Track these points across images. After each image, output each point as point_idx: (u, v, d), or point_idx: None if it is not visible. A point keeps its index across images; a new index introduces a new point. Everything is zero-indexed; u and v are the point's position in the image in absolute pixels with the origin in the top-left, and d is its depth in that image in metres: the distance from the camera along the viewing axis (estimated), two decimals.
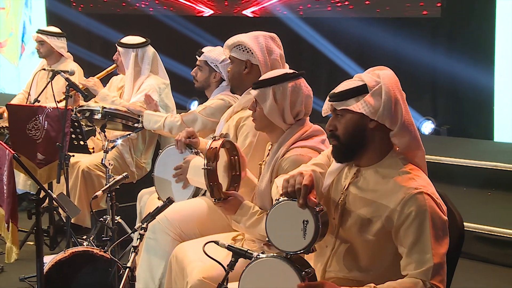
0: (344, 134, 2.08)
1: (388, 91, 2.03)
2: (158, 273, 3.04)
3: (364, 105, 2.02)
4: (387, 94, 2.02)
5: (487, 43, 5.60)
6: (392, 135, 2.06)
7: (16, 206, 2.75)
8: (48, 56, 5.19)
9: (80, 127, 4.02)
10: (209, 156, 2.49)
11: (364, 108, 2.02)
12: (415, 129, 2.08)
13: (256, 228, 2.57)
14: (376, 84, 2.04)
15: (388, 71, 2.10)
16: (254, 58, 2.99)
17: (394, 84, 2.05)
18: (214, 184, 2.51)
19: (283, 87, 2.60)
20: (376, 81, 2.05)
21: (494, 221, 4.22)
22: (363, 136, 2.06)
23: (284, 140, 2.62)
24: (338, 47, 6.31)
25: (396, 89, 2.05)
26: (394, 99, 2.03)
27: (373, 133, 2.06)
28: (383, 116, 2.02)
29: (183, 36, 7.15)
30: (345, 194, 2.14)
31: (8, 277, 3.84)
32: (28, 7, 8.98)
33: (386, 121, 2.03)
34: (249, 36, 3.02)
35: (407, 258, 1.97)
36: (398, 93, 2.05)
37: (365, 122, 2.05)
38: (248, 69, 3.02)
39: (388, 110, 2.02)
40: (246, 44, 2.99)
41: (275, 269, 2.02)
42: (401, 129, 2.04)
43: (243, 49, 3.00)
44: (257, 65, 2.99)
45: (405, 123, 2.04)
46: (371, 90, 2.03)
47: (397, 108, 2.03)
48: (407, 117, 2.05)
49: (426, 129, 5.98)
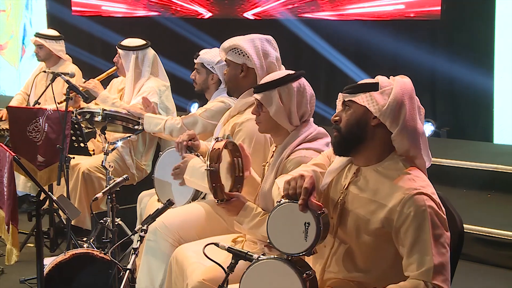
0: (345, 126, 2.10)
1: (396, 93, 2.05)
2: (158, 279, 3.04)
3: (370, 99, 2.06)
4: (395, 95, 2.05)
5: (486, 45, 5.61)
6: (392, 138, 2.07)
7: (17, 208, 2.75)
8: (47, 60, 5.20)
9: (81, 129, 4.02)
10: (212, 157, 2.50)
11: (369, 102, 2.06)
12: (417, 136, 2.08)
13: (258, 230, 2.57)
14: (388, 85, 2.08)
15: (406, 79, 2.13)
16: (250, 62, 3.00)
17: (406, 90, 2.08)
18: (217, 186, 2.51)
19: (289, 88, 2.60)
20: (390, 83, 2.09)
21: (493, 223, 4.22)
22: (364, 131, 2.08)
23: (289, 142, 2.62)
24: (337, 49, 6.32)
25: (406, 94, 2.07)
26: (400, 102, 2.05)
27: (374, 131, 2.07)
28: (385, 115, 2.04)
29: (183, 38, 7.16)
30: (344, 194, 2.15)
31: (9, 279, 3.85)
32: (28, 10, 8.99)
33: (387, 121, 2.05)
34: (245, 39, 3.03)
35: (408, 258, 1.97)
36: (407, 99, 2.06)
37: (367, 117, 2.07)
38: (245, 72, 3.03)
39: (391, 111, 2.04)
40: (241, 47, 2.99)
41: (276, 271, 2.02)
42: (401, 133, 2.05)
43: (238, 53, 3.01)
44: (252, 68, 3.00)
45: (406, 128, 2.05)
46: (381, 89, 2.07)
47: (401, 112, 2.05)
48: (411, 123, 2.06)
49: (426, 131, 5.98)
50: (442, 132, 5.93)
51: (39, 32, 5.24)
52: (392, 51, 6.09)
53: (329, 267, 2.17)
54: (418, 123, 2.09)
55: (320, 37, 6.40)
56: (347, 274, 2.11)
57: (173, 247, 2.98)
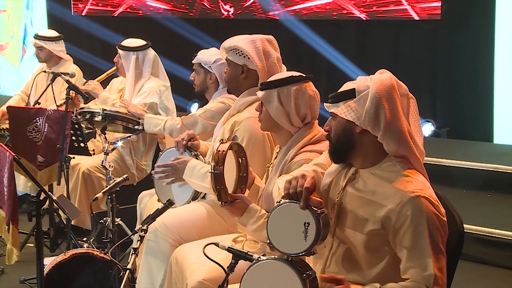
0: (334, 136, 2.12)
1: (373, 97, 2.02)
2: (159, 279, 3.03)
3: (348, 109, 2.05)
4: (371, 100, 2.02)
5: (486, 46, 5.60)
6: (379, 141, 2.06)
7: (17, 208, 2.76)
8: (48, 60, 5.20)
9: (81, 129, 4.03)
10: (217, 159, 2.50)
11: (347, 113, 2.05)
12: (404, 136, 2.04)
13: (262, 232, 2.55)
14: (364, 89, 2.05)
15: (386, 75, 2.10)
16: (251, 63, 3.00)
17: (383, 90, 2.03)
18: (221, 188, 2.51)
19: (288, 90, 2.61)
20: (366, 86, 2.06)
21: (493, 223, 4.22)
22: (351, 140, 2.08)
23: (293, 143, 2.63)
24: (337, 49, 6.32)
25: (383, 95, 2.03)
26: (377, 106, 2.02)
27: (361, 137, 2.07)
28: (365, 122, 2.03)
29: (184, 38, 7.16)
30: (342, 194, 2.15)
31: (9, 279, 3.85)
32: (29, 10, 8.99)
33: (368, 127, 2.04)
34: (246, 40, 3.02)
35: (407, 262, 1.97)
36: (385, 100, 2.02)
37: (352, 126, 2.07)
38: (245, 73, 3.04)
39: (370, 117, 2.02)
40: (243, 49, 3.00)
41: (276, 271, 2.02)
42: (385, 136, 2.03)
43: (239, 53, 3.01)
44: (253, 69, 3.00)
45: (389, 130, 2.02)
46: (357, 95, 2.05)
47: (380, 115, 2.02)
48: (393, 124, 2.02)
49: (426, 131, 5.98)
50: (442, 132, 5.93)
51: (38, 34, 5.22)
52: (393, 51, 6.08)
53: (328, 267, 2.17)
54: (402, 122, 2.05)
55: (320, 37, 6.39)
56: (347, 274, 2.11)
57: (173, 247, 2.98)
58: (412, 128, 2.11)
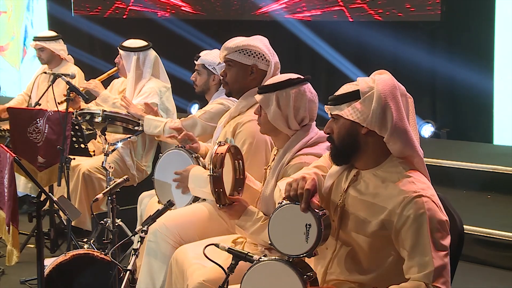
0: (338, 139, 2.11)
1: (379, 97, 2.03)
2: (159, 280, 3.04)
3: (354, 111, 2.05)
4: (377, 100, 2.03)
5: (486, 47, 5.60)
6: (385, 141, 2.06)
7: (17, 209, 2.76)
8: (50, 61, 5.20)
9: (81, 130, 4.03)
10: (215, 162, 2.50)
11: (354, 114, 2.05)
12: (409, 136, 2.06)
13: (260, 235, 2.56)
14: (368, 90, 2.05)
15: (386, 75, 2.11)
16: (261, 63, 2.97)
17: (388, 90, 2.05)
18: (220, 191, 2.51)
19: (286, 93, 2.58)
20: (370, 87, 2.06)
21: (493, 224, 4.22)
22: (356, 141, 2.08)
23: (290, 146, 2.61)
24: (337, 50, 6.32)
25: (389, 95, 2.04)
26: (384, 106, 2.03)
27: (366, 138, 2.07)
28: (372, 123, 2.04)
29: (185, 39, 7.16)
30: (344, 196, 2.15)
31: (9, 280, 3.85)
32: (29, 11, 9.00)
33: (375, 128, 2.04)
34: (255, 39, 2.99)
35: (409, 261, 1.97)
36: (391, 100, 2.04)
37: (357, 128, 2.07)
38: (255, 74, 2.99)
39: (377, 117, 2.03)
40: (254, 47, 2.95)
41: (277, 272, 2.03)
42: (392, 136, 2.04)
43: (249, 53, 2.96)
44: (262, 69, 2.98)
45: (396, 130, 2.04)
46: (362, 96, 2.05)
47: (387, 116, 2.03)
48: (399, 124, 2.04)
49: (426, 132, 5.98)
50: (442, 133, 5.92)
51: (37, 36, 5.23)
52: (392, 52, 6.08)
53: (330, 268, 2.17)
54: (406, 122, 2.07)
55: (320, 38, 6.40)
56: (349, 276, 2.12)
57: (174, 248, 2.98)
58: (412, 128, 2.12)
